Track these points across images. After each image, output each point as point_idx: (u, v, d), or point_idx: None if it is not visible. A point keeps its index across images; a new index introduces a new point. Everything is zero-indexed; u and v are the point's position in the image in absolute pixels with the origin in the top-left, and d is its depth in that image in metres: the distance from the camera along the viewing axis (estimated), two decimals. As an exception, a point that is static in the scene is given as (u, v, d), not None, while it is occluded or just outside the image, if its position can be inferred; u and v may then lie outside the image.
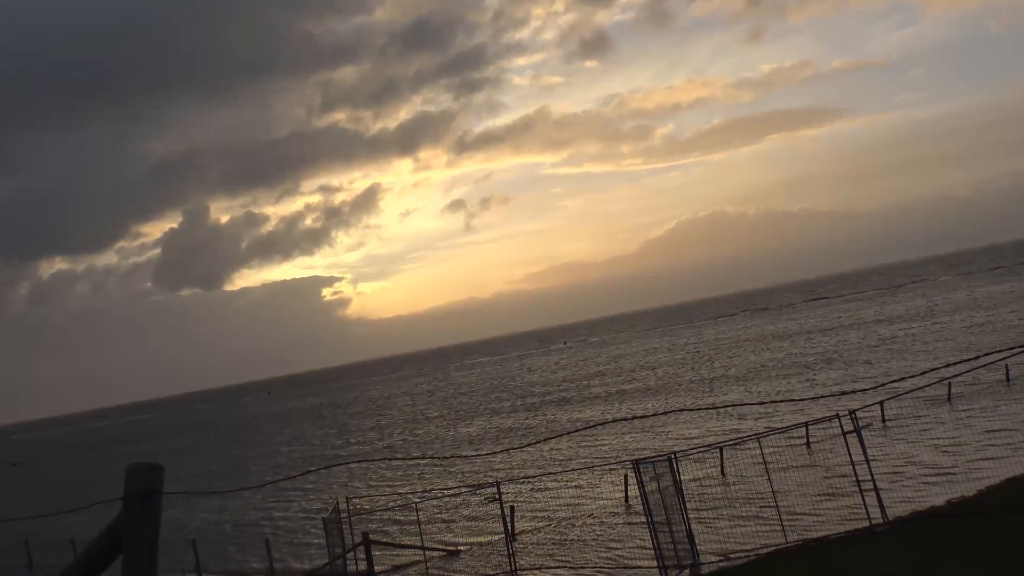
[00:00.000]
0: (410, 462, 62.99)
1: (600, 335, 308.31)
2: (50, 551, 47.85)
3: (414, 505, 37.14)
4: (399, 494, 46.55)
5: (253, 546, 44.03)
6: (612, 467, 40.57)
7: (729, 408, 58.88)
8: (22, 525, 45.45)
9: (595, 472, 42.76)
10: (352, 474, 63.19)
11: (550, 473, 44.72)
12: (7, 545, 50.77)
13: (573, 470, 44.26)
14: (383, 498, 46.61)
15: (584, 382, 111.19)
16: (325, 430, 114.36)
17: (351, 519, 35.84)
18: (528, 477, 44.03)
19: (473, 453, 60.50)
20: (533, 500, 41.35)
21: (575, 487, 42.40)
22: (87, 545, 5.39)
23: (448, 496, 43.01)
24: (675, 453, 28.14)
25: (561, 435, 51.40)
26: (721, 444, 34.42)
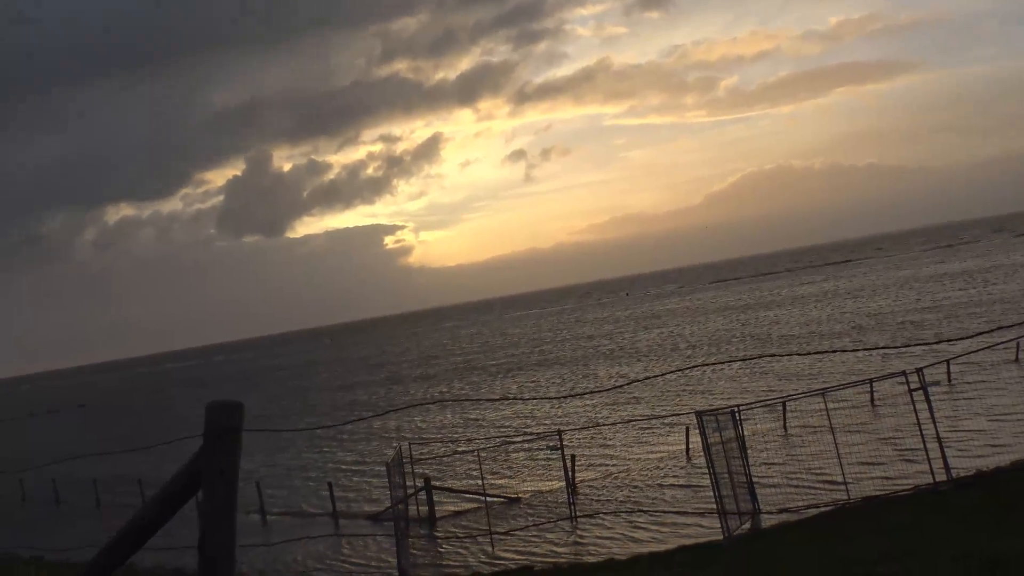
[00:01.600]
0: (471, 411, 63.39)
1: (662, 287, 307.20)
2: (117, 491, 48.76)
3: (475, 452, 37.36)
4: (459, 441, 46.83)
5: (315, 489, 44.61)
6: (674, 420, 40.51)
7: (789, 361, 58.57)
8: (90, 466, 46.34)
9: (657, 424, 42.74)
10: (414, 419, 63.75)
11: (611, 424, 44.77)
12: (75, 485, 51.79)
13: (634, 420, 44.28)
14: (444, 445, 46.92)
15: (641, 334, 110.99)
16: (386, 376, 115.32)
17: (413, 464, 36.20)
18: (589, 427, 44.12)
19: (537, 396, 60.75)
20: (593, 450, 41.47)
21: (636, 438, 42.43)
22: (166, 482, 5.45)
23: (509, 444, 43.20)
24: (738, 406, 28.04)
25: (623, 385, 51.29)
26: (784, 398, 34.18)
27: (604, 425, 44.23)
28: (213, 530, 4.90)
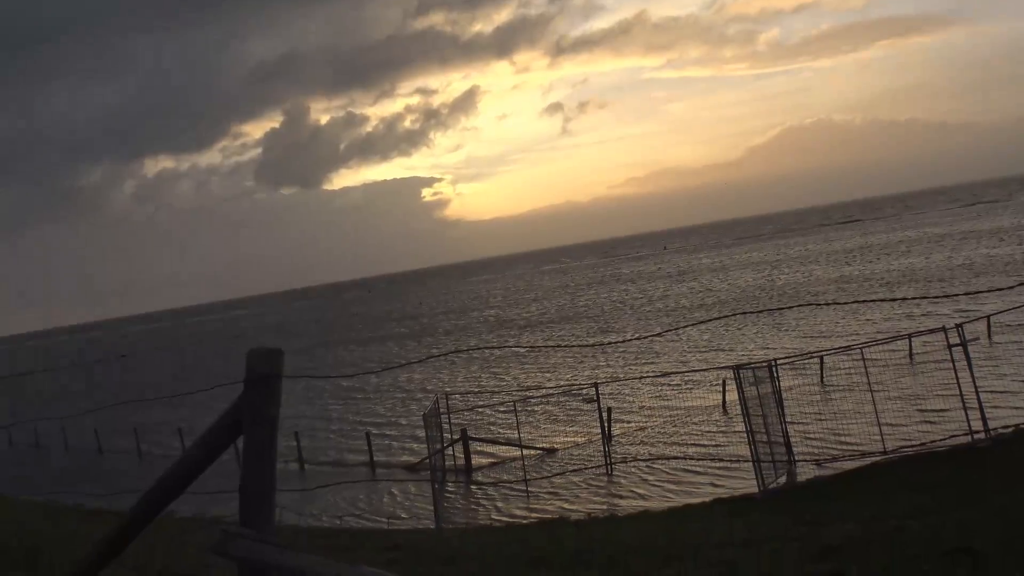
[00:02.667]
0: (505, 364, 63.60)
1: (702, 241, 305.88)
2: (158, 439, 49.35)
3: (512, 404, 37.50)
4: (495, 393, 47.01)
5: (352, 439, 44.96)
6: (711, 373, 40.42)
7: (825, 315, 58.36)
8: (131, 415, 46.90)
9: (693, 377, 42.69)
10: (452, 370, 64.06)
11: (647, 376, 44.77)
12: (116, 434, 52.41)
13: (671, 373, 44.22)
14: (481, 396, 47.12)
15: (678, 287, 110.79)
16: (421, 327, 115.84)
17: (450, 415, 36.42)
18: (624, 379, 44.14)
19: (573, 344, 60.88)
20: (629, 403, 41.51)
21: (672, 391, 42.41)
22: (208, 427, 5.52)
23: (546, 396, 43.30)
24: (776, 360, 27.95)
25: (660, 333, 51.37)
26: (822, 352, 34.02)
27: (640, 378, 44.21)
28: (253, 474, 4.98)
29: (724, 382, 36.42)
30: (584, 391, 36.64)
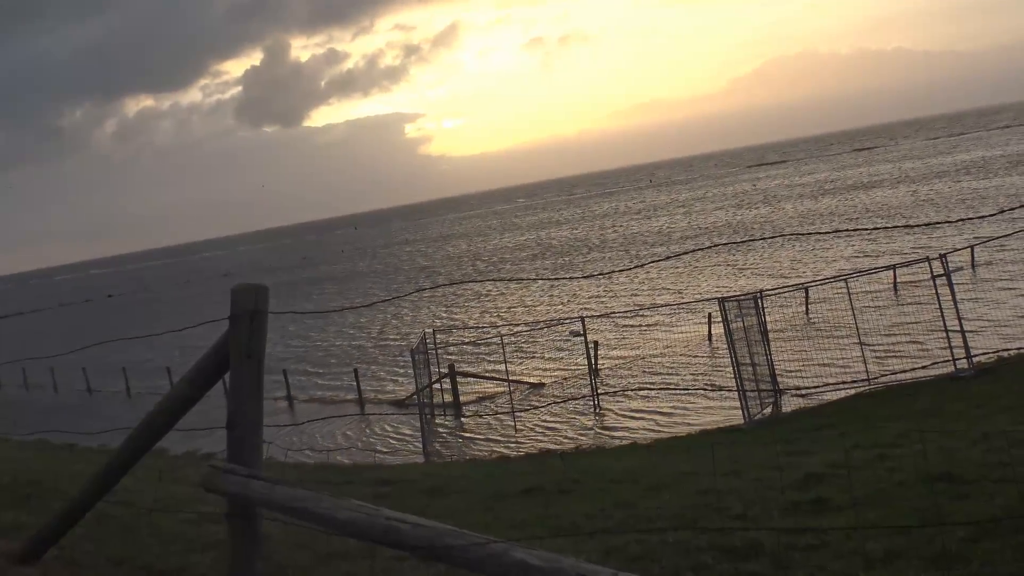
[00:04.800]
0: (495, 298, 63.71)
1: (686, 174, 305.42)
2: (146, 378, 49.43)
3: (499, 338, 37.64)
4: (483, 327, 47.16)
5: (340, 375, 45.08)
6: (696, 305, 40.58)
7: (818, 241, 58.56)
8: (119, 355, 46.82)
9: (678, 310, 42.85)
10: (439, 305, 64.16)
11: (633, 309, 44.95)
12: (105, 374, 52.49)
13: (656, 307, 44.36)
14: (467, 331, 47.24)
15: (664, 219, 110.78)
16: (412, 262, 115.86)
17: (437, 351, 36.53)
18: (611, 314, 44.26)
19: (566, 276, 61.06)
20: (615, 336, 41.69)
21: (657, 325, 42.59)
22: (194, 364, 5.56)
23: (532, 330, 43.44)
24: (761, 292, 28.07)
25: (652, 262, 51.51)
26: (807, 284, 34.16)
27: (627, 312, 44.40)
28: (240, 410, 5.03)
29: (710, 315, 36.60)
30: (571, 324, 36.72)
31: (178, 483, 12.64)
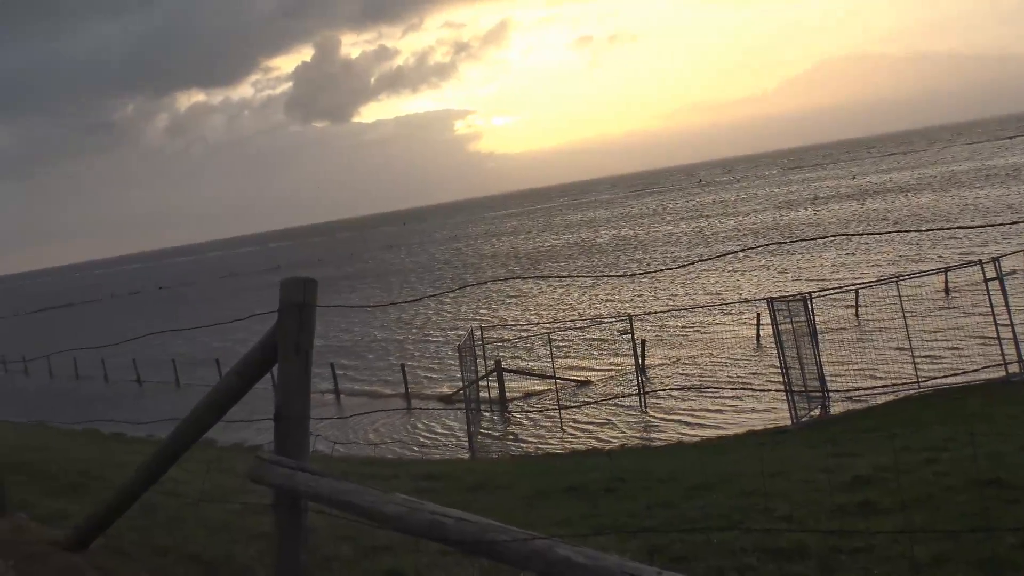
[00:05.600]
0: (536, 295, 63.67)
1: (733, 175, 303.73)
2: (195, 369, 49.89)
3: (543, 335, 37.60)
4: (529, 325, 47.12)
5: (387, 369, 45.24)
6: (744, 306, 40.35)
7: (859, 244, 58.03)
8: (169, 346, 47.38)
9: (725, 310, 42.62)
10: (480, 302, 64.19)
11: (680, 308, 44.76)
12: (155, 365, 53.01)
13: (703, 306, 44.18)
14: (512, 328, 47.24)
15: (710, 220, 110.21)
16: (458, 258, 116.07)
17: (484, 346, 36.55)
18: (658, 312, 44.11)
19: (605, 275, 60.92)
20: (663, 335, 41.50)
21: (706, 324, 42.39)
22: (243, 356, 5.60)
23: (578, 328, 43.34)
24: (811, 293, 27.85)
25: (699, 261, 51.27)
26: (857, 286, 33.86)
27: (673, 310, 44.21)
28: (288, 402, 5.06)
29: (758, 315, 36.37)
30: (619, 323, 36.63)
31: (224, 474, 12.75)
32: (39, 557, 6.84)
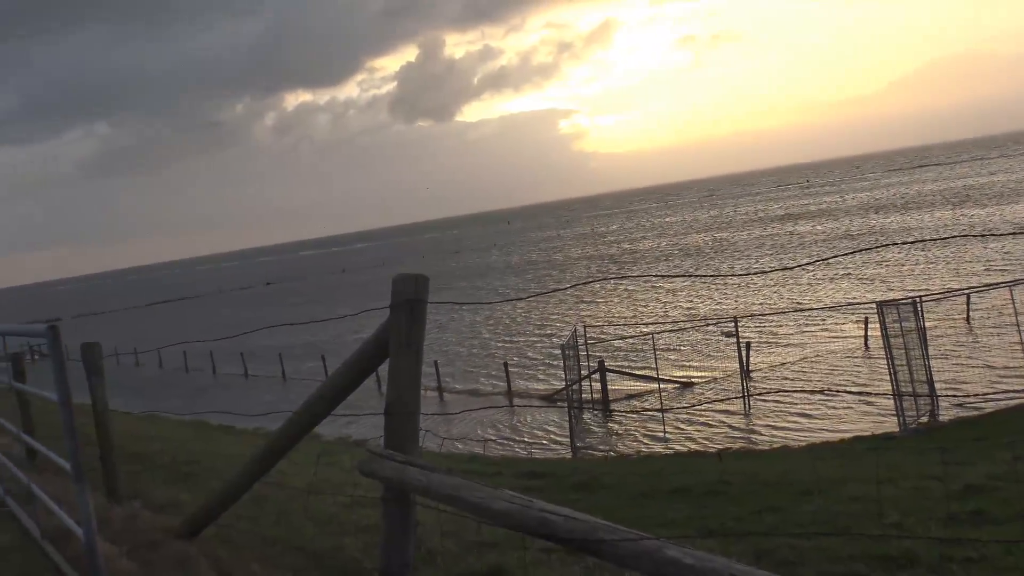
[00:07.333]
0: (636, 296, 63.35)
1: (843, 176, 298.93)
2: (301, 363, 50.68)
3: (649, 336, 37.37)
4: (631, 325, 46.90)
5: (491, 367, 45.37)
6: (853, 310, 39.68)
7: (945, 249, 56.53)
8: (276, 340, 48.09)
9: (834, 314, 41.97)
10: (581, 301, 64.02)
11: (787, 311, 44.20)
12: (262, 358, 53.96)
13: (811, 309, 43.57)
14: (615, 328, 47.05)
15: (827, 222, 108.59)
16: (560, 258, 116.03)
17: (587, 346, 36.46)
18: (764, 314, 43.60)
19: (711, 275, 60.40)
20: (768, 338, 41.00)
21: (812, 328, 41.79)
22: (355, 351, 5.67)
23: (682, 330, 43.03)
24: (921, 297, 27.30)
25: (806, 264, 50.50)
26: (969, 291, 33.11)
27: (779, 313, 43.66)
28: (399, 397, 5.11)
29: (866, 319, 35.74)
30: (723, 325, 36.27)
31: (332, 467, 12.93)
32: (151, 544, 7.00)
